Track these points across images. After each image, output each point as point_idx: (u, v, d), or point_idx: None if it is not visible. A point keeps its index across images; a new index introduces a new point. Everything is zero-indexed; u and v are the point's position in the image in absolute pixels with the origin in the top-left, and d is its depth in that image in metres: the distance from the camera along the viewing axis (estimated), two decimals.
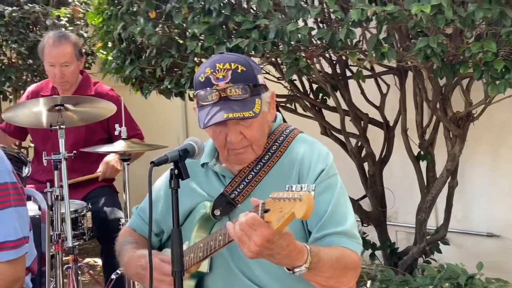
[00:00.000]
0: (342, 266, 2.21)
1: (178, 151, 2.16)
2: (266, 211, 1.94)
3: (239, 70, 2.27)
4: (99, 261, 6.09)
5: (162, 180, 2.58)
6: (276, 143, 2.39)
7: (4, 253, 2.35)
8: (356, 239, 2.30)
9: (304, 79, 4.61)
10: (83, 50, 4.64)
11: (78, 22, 5.96)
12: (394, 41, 3.58)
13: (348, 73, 4.50)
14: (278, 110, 4.57)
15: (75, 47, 4.40)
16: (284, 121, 2.56)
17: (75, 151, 3.68)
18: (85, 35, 6.01)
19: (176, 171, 2.11)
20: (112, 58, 4.61)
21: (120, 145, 3.82)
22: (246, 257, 2.02)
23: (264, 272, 2.29)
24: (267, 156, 2.37)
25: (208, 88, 2.27)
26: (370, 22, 3.48)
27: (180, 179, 2.11)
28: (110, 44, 4.59)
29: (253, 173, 2.36)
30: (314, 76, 4.13)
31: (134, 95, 4.78)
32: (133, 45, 4.36)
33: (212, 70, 2.29)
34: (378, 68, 4.51)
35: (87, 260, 6.03)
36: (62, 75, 4.37)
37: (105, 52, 4.86)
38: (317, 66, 4.08)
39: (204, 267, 2.33)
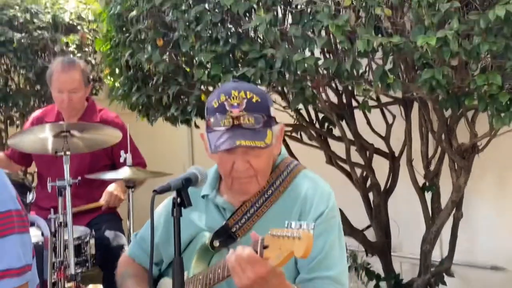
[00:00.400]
0: None
1: (181, 179, 2.16)
2: (265, 247, 1.94)
3: (254, 100, 2.28)
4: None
5: (162, 208, 2.58)
6: (280, 178, 2.40)
7: (7, 281, 2.33)
8: (343, 286, 2.30)
9: (310, 108, 4.63)
10: (91, 77, 4.66)
11: (86, 49, 6.01)
12: (400, 72, 3.59)
13: (354, 103, 4.51)
14: (284, 140, 4.63)
15: (83, 73, 4.42)
16: (290, 152, 2.57)
17: (79, 178, 3.69)
18: (93, 61, 6.05)
19: (178, 200, 2.10)
20: (119, 85, 4.63)
21: (125, 172, 3.83)
22: (237, 287, 2.03)
23: None
24: (270, 191, 2.37)
25: (221, 114, 2.27)
26: (376, 53, 3.49)
27: (182, 208, 2.11)
28: (117, 71, 4.62)
29: (255, 207, 2.36)
30: (320, 105, 4.14)
31: (140, 122, 4.80)
32: (140, 72, 4.38)
33: (227, 97, 2.30)
34: (383, 99, 4.51)
35: (90, 286, 5.99)
36: (70, 101, 4.38)
37: (112, 79, 4.89)
38: (323, 95, 4.09)
39: None
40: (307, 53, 3.71)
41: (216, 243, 2.34)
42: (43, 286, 3.18)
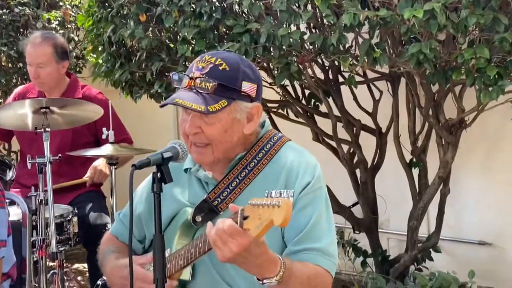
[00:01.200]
0: (312, 285, 2.18)
1: (161, 154, 2.10)
2: (245, 218, 1.89)
3: (220, 68, 2.21)
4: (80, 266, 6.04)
5: (144, 184, 2.53)
6: (263, 151, 2.33)
7: None
8: (332, 258, 2.25)
9: (296, 84, 4.57)
10: (71, 53, 4.55)
11: (68, 26, 5.91)
12: (387, 47, 3.55)
13: (341, 79, 4.46)
14: (269, 116, 4.57)
15: (55, 48, 4.31)
16: (276, 129, 2.51)
17: (60, 155, 3.62)
18: (76, 38, 5.96)
19: (158, 175, 2.05)
20: (102, 62, 4.56)
21: (107, 149, 3.77)
22: (219, 261, 1.99)
23: (244, 279, 2.24)
24: (253, 163, 2.31)
25: (184, 73, 2.25)
26: (362, 27, 3.44)
27: (163, 183, 2.05)
28: (100, 48, 4.54)
29: (237, 180, 2.29)
30: (305, 81, 4.09)
31: (125, 99, 4.73)
32: (123, 48, 4.30)
33: (198, 59, 2.25)
34: (370, 74, 4.47)
35: (76, 266, 5.96)
36: (36, 76, 4.32)
37: (95, 56, 4.82)
38: (309, 71, 4.05)
39: (186, 274, 2.27)
40: (292, 27, 3.67)
41: (199, 218, 2.28)
42: (23, 264, 3.11)
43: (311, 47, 3.67)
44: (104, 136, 3.82)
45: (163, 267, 2.01)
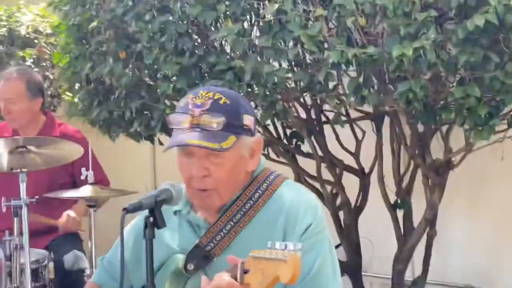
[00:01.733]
0: None
1: (154, 196, 1.95)
2: (245, 272, 1.75)
3: (221, 102, 2.09)
4: None
5: (129, 229, 2.37)
6: (259, 191, 2.18)
7: None
8: None
9: (278, 124, 4.49)
10: (46, 91, 4.41)
11: (44, 64, 5.77)
12: (374, 85, 3.47)
13: (323, 119, 4.39)
14: None
15: (27, 84, 4.21)
16: None
17: (37, 197, 3.47)
18: (51, 76, 5.82)
19: (151, 219, 1.90)
20: (78, 100, 4.43)
21: (86, 190, 3.62)
22: None
23: None
24: (249, 204, 2.16)
25: (183, 113, 2.09)
26: (349, 65, 3.36)
27: (156, 228, 1.91)
28: (77, 86, 4.42)
29: (231, 222, 2.14)
30: (290, 120, 4.00)
31: (100, 138, 4.59)
32: (101, 86, 4.18)
33: (193, 96, 2.11)
34: (353, 114, 4.39)
35: None
36: (7, 112, 4.21)
37: (71, 94, 4.70)
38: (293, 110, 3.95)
39: None
40: (275, 64, 3.58)
41: (191, 266, 2.13)
42: None
43: (295, 85, 3.59)
44: (83, 177, 3.66)
45: None
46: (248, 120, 2.15)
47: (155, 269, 2.10)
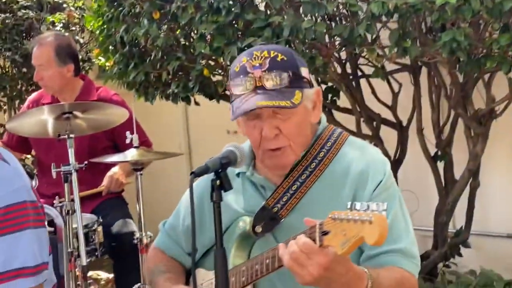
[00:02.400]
0: None
1: (219, 159, 1.91)
2: (325, 233, 1.71)
3: (278, 59, 2.04)
4: (102, 274, 5.88)
5: (187, 195, 2.36)
6: (324, 149, 2.13)
7: (21, 281, 2.08)
8: (414, 259, 2.06)
9: (313, 79, 4.43)
10: (77, 55, 4.37)
11: (73, 28, 5.75)
12: (415, 36, 3.40)
13: (359, 73, 4.34)
14: None
15: (56, 50, 4.16)
16: None
17: (85, 162, 3.46)
18: (81, 40, 5.80)
19: (218, 182, 1.87)
20: (113, 63, 4.39)
21: (132, 154, 3.60)
22: (300, 285, 1.80)
23: None
24: (314, 163, 2.11)
25: (243, 77, 2.05)
26: (390, 17, 3.29)
27: (223, 191, 1.88)
28: (111, 48, 4.38)
29: (298, 183, 2.10)
30: (328, 75, 3.95)
31: (130, 100, 4.56)
32: (137, 48, 4.14)
33: (248, 58, 2.07)
34: (389, 67, 4.33)
35: (89, 273, 5.81)
36: (39, 78, 4.20)
37: (102, 59, 4.66)
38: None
39: None
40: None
41: (259, 229, 2.09)
42: (60, 283, 2.93)
43: (333, 39, 3.53)
44: (128, 140, 3.63)
45: (227, 285, 1.83)
46: (305, 72, 2.11)
47: None
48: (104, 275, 5.82)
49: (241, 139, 2.24)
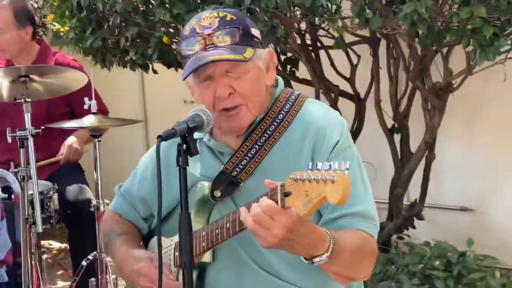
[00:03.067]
0: (362, 254, 1.99)
1: (186, 123, 1.88)
2: (286, 194, 1.69)
3: (227, 18, 2.02)
4: (54, 244, 5.82)
5: (147, 158, 2.33)
6: (282, 111, 2.10)
7: None
8: (373, 220, 2.06)
9: (271, 49, 4.41)
10: (34, 18, 4.27)
11: None
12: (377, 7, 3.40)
13: (319, 45, 4.34)
14: None
15: (14, 12, 4.03)
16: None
17: (42, 127, 3.38)
18: (36, 5, 5.66)
19: (184, 147, 1.85)
20: (69, 29, 4.30)
21: (90, 120, 3.53)
22: (263, 247, 1.80)
23: (281, 259, 2.04)
24: (273, 126, 2.09)
25: (193, 37, 2.02)
26: None
27: (189, 156, 1.86)
28: (67, 13, 4.28)
29: (257, 146, 2.08)
30: (288, 46, 3.93)
31: (85, 66, 4.49)
32: (94, 13, 4.06)
33: (197, 21, 2.04)
34: (348, 39, 4.33)
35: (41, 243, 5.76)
36: None
37: (57, 25, 4.56)
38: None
39: (206, 257, 2.07)
40: None
41: (217, 193, 2.08)
42: (16, 247, 2.88)
43: (297, 9, 3.52)
44: (86, 106, 3.56)
45: (191, 250, 1.81)
46: (256, 32, 2.09)
47: (176, 199, 2.04)
48: (56, 245, 5.78)
49: None
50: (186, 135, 1.87)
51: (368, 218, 2.04)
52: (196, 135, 2.02)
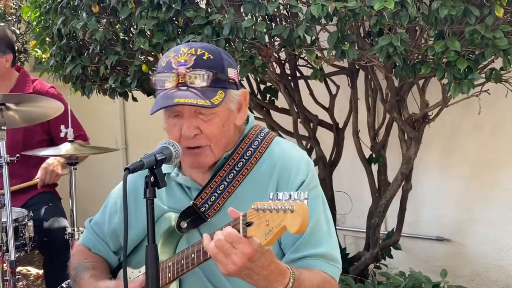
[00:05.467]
0: None
1: (154, 155, 1.90)
2: (248, 224, 1.72)
3: (204, 57, 2.04)
4: (32, 270, 5.80)
5: (117, 190, 2.34)
6: (251, 148, 2.15)
7: None
8: (336, 262, 2.09)
9: (251, 79, 4.46)
10: (14, 46, 4.29)
11: (9, 18, 5.64)
12: (354, 40, 3.45)
13: (298, 74, 4.38)
14: None
15: None
16: None
17: (18, 155, 3.39)
18: (17, 31, 5.70)
19: (152, 179, 1.86)
20: (50, 55, 4.32)
21: (67, 148, 3.54)
22: (223, 275, 1.82)
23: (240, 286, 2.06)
24: (241, 163, 2.13)
25: (167, 72, 2.03)
26: (329, 20, 3.33)
27: (156, 188, 1.87)
28: (48, 40, 4.31)
29: (225, 182, 2.11)
30: (266, 76, 3.97)
31: (66, 94, 4.50)
32: (74, 41, 4.08)
33: (175, 54, 2.06)
34: (327, 69, 4.38)
35: (18, 269, 5.72)
36: None
37: (39, 51, 4.58)
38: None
39: (173, 287, 2.08)
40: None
41: (184, 224, 2.11)
42: None
43: (273, 39, 3.55)
44: (62, 134, 3.58)
45: (157, 282, 1.83)
46: (232, 73, 2.11)
47: (144, 231, 2.04)
48: (34, 271, 5.75)
49: None
50: (154, 167, 1.89)
51: (330, 260, 2.07)
52: (164, 169, 2.06)
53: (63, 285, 3.59)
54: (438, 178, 4.76)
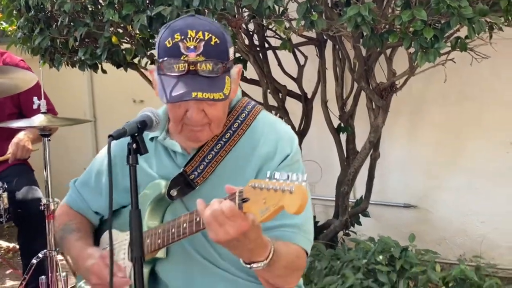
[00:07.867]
0: (294, 267, 2.09)
1: (136, 123, 1.94)
2: (244, 200, 1.76)
3: (212, 43, 2.03)
4: (2, 243, 5.80)
5: (102, 155, 2.38)
6: (238, 121, 2.19)
7: None
8: (309, 234, 2.15)
9: None
10: None
11: None
12: (322, 10, 3.48)
13: (266, 45, 4.41)
14: None
15: None
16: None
17: None
18: None
19: (134, 146, 1.90)
20: (17, 28, 4.29)
21: (40, 120, 3.54)
22: (212, 240, 1.86)
23: (223, 254, 2.12)
24: (228, 134, 2.17)
25: (176, 57, 2.04)
26: None
27: (139, 154, 1.91)
28: (15, 13, 4.27)
29: (213, 152, 2.16)
30: (236, 47, 3.99)
31: (36, 67, 4.48)
32: (42, 13, 4.05)
33: (182, 37, 2.04)
34: (295, 39, 4.41)
35: None
36: None
37: (5, 24, 4.54)
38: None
39: (161, 253, 2.13)
40: None
41: (174, 192, 2.15)
42: None
43: (244, 10, 3.58)
44: (35, 106, 3.57)
45: (141, 245, 1.87)
46: (232, 52, 2.13)
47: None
48: (4, 244, 5.75)
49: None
50: (136, 134, 1.93)
51: (303, 232, 2.13)
52: (152, 134, 2.12)
53: (39, 255, 3.61)
54: (405, 146, 4.85)
